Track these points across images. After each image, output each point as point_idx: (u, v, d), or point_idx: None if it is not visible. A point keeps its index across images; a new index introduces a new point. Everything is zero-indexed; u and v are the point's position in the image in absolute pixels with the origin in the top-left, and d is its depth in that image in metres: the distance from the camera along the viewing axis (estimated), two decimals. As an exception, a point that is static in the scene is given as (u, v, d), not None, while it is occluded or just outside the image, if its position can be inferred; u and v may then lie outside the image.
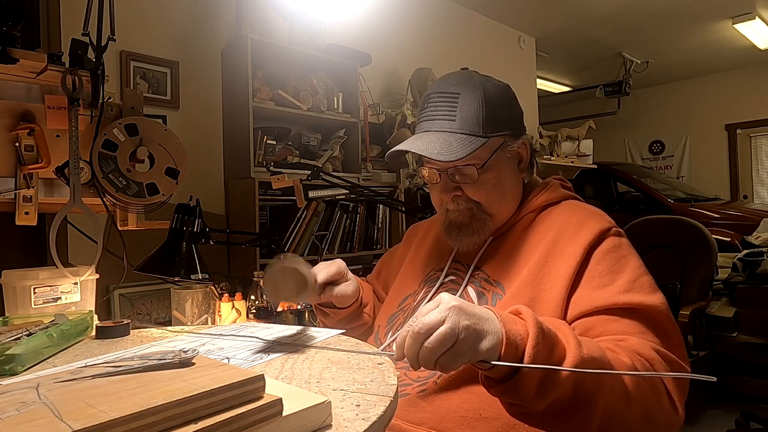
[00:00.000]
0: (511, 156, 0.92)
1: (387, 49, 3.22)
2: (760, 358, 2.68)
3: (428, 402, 0.79)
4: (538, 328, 0.61)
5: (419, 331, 0.58)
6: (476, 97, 0.87)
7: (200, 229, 1.34)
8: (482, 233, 0.91)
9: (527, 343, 0.60)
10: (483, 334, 0.60)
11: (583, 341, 0.65)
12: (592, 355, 0.63)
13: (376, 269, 1.21)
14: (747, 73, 5.94)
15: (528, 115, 2.02)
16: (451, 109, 0.87)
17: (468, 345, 0.58)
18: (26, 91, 1.15)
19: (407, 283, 1.02)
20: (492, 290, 0.86)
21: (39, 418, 0.38)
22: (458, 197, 0.90)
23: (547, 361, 0.60)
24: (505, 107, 0.91)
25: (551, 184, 0.97)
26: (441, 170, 0.90)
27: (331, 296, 0.93)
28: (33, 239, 1.87)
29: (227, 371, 0.47)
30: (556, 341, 0.63)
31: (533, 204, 0.93)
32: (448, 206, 0.92)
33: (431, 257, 1.02)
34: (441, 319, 0.58)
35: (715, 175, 6.22)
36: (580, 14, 4.12)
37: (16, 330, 0.80)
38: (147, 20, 2.22)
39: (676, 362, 0.74)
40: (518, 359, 0.60)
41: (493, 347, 0.59)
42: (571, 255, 0.81)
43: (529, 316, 0.63)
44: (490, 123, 0.87)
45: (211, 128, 2.41)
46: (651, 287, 0.79)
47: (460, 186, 0.89)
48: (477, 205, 0.90)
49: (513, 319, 0.63)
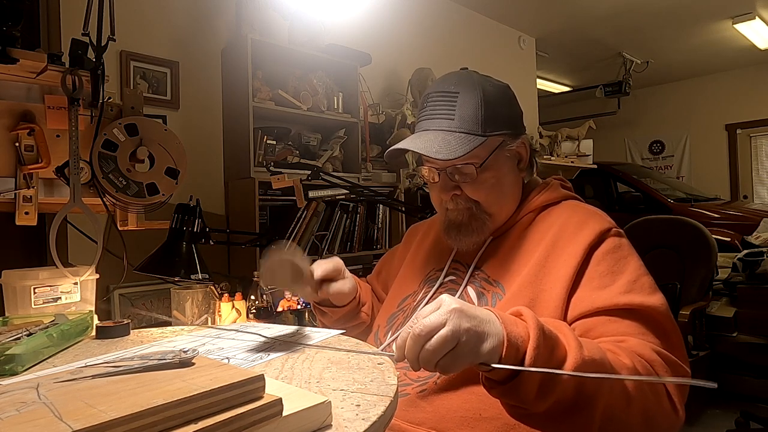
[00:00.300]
0: (511, 155, 0.92)
1: (387, 49, 3.22)
2: (760, 358, 2.68)
3: (428, 402, 0.79)
4: (539, 330, 0.61)
5: (420, 333, 0.58)
6: (475, 96, 0.87)
7: (200, 229, 1.34)
8: (482, 233, 0.91)
9: (528, 345, 0.60)
10: (484, 336, 0.59)
11: (583, 342, 0.65)
12: (592, 356, 0.63)
13: (375, 269, 1.21)
14: (747, 73, 5.94)
15: (528, 115, 2.03)
16: (450, 108, 0.87)
17: (469, 347, 0.58)
18: (26, 91, 1.15)
19: (407, 283, 1.02)
20: (492, 290, 0.86)
21: (39, 418, 0.38)
22: (457, 196, 0.90)
23: (547, 362, 0.60)
24: (504, 107, 0.91)
25: (551, 184, 0.97)
26: (440, 169, 0.90)
27: (328, 293, 0.93)
28: (33, 239, 1.87)
29: (227, 371, 0.47)
30: (557, 343, 0.63)
31: (533, 204, 0.93)
32: (447, 205, 0.92)
33: (431, 257, 1.02)
34: (442, 322, 0.58)
35: (715, 175, 6.22)
36: (580, 14, 4.12)
37: (16, 330, 0.80)
38: (147, 20, 2.22)
39: (676, 363, 0.74)
40: (519, 361, 0.60)
41: (494, 349, 0.59)
42: (572, 255, 0.81)
43: (530, 317, 0.63)
44: (489, 122, 0.87)
45: (211, 128, 2.41)
46: (651, 288, 0.79)
47: (459, 185, 0.89)
48: (476, 204, 0.90)
49: (514, 320, 0.63)
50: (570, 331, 0.66)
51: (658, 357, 0.72)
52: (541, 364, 0.59)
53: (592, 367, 0.62)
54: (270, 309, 1.52)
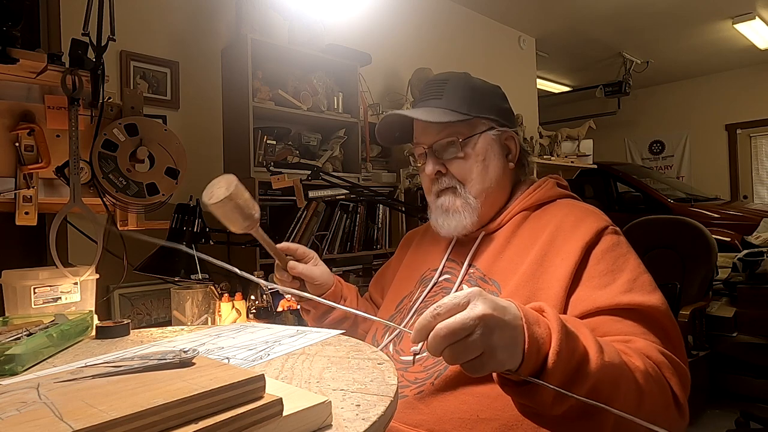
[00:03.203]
0: (498, 143, 0.94)
1: (387, 49, 3.22)
2: (760, 358, 2.68)
3: (425, 404, 0.79)
4: (561, 331, 0.59)
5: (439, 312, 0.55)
6: (464, 83, 0.94)
7: (200, 229, 1.34)
8: (468, 216, 0.91)
9: (551, 348, 0.58)
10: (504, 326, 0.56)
11: (603, 344, 0.64)
12: (612, 360, 0.62)
13: (373, 280, 1.22)
14: (747, 73, 5.94)
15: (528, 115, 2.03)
16: (438, 92, 0.93)
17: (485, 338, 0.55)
18: (26, 91, 1.15)
19: (404, 284, 1.02)
20: (487, 288, 0.86)
21: (39, 418, 0.38)
22: (442, 174, 0.93)
23: (568, 364, 0.58)
24: (492, 97, 0.96)
25: (546, 182, 0.97)
26: (427, 147, 0.93)
27: (297, 271, 0.96)
28: (33, 239, 1.87)
29: (227, 371, 0.47)
30: (577, 344, 0.61)
31: (528, 201, 0.93)
32: (434, 187, 0.95)
33: (426, 258, 1.02)
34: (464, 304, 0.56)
35: (715, 175, 6.22)
36: (580, 14, 4.12)
37: (16, 330, 0.80)
38: (147, 20, 2.22)
39: (680, 365, 0.74)
40: (539, 363, 0.58)
41: (515, 345, 0.57)
42: (569, 254, 0.81)
43: (552, 315, 0.61)
44: (475, 105, 0.92)
45: (211, 128, 2.41)
46: (651, 286, 0.79)
47: (445, 164, 0.92)
48: (460, 184, 0.92)
49: (536, 318, 0.60)
50: (589, 332, 0.64)
51: (664, 359, 0.72)
52: (561, 368, 0.58)
53: (611, 371, 0.62)
54: (270, 309, 1.52)
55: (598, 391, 0.61)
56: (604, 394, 0.61)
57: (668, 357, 0.73)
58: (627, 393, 0.64)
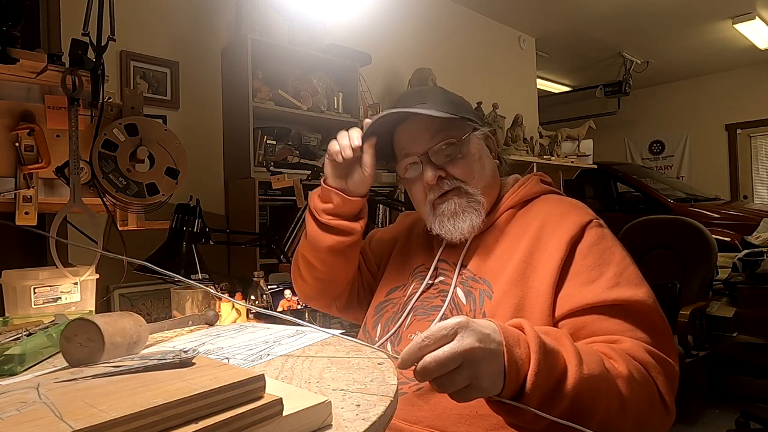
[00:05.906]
0: (484, 143, 0.95)
1: (387, 49, 3.22)
2: (760, 358, 2.68)
3: (425, 400, 0.79)
4: (540, 351, 0.61)
5: (436, 368, 0.57)
6: (440, 91, 0.97)
7: (200, 229, 1.34)
8: (477, 215, 0.89)
9: (529, 369, 0.60)
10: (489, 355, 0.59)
11: (584, 355, 0.65)
12: (591, 372, 0.64)
13: (376, 239, 1.16)
14: (747, 73, 5.93)
15: (528, 115, 2.02)
16: (419, 99, 0.92)
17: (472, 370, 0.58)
18: (26, 91, 1.15)
19: (396, 274, 1.02)
20: (479, 287, 0.86)
21: (39, 418, 0.38)
22: (442, 179, 0.90)
23: (547, 380, 0.61)
24: (464, 102, 0.98)
25: (530, 179, 0.98)
26: (421, 155, 0.91)
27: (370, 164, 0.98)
28: (33, 239, 1.87)
29: (227, 371, 0.47)
30: (557, 360, 0.63)
31: (513, 199, 0.93)
32: (432, 195, 0.91)
33: (419, 251, 1.02)
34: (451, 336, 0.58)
35: (715, 175, 6.22)
36: (580, 14, 4.12)
37: (16, 330, 0.80)
38: (147, 20, 2.22)
39: (667, 362, 0.74)
40: (519, 384, 0.60)
41: (496, 373, 0.60)
42: (555, 250, 0.81)
43: (532, 337, 0.63)
44: (458, 108, 0.91)
45: (211, 128, 2.41)
46: (638, 278, 0.80)
47: (443, 167, 0.90)
48: (464, 183, 0.90)
49: (516, 338, 0.62)
50: (570, 345, 0.66)
51: (650, 358, 0.73)
52: (540, 386, 0.60)
53: (591, 383, 0.63)
54: (270, 309, 1.52)
55: (578, 403, 0.63)
56: (584, 406, 0.64)
57: (655, 356, 0.73)
58: (609, 401, 0.66)
